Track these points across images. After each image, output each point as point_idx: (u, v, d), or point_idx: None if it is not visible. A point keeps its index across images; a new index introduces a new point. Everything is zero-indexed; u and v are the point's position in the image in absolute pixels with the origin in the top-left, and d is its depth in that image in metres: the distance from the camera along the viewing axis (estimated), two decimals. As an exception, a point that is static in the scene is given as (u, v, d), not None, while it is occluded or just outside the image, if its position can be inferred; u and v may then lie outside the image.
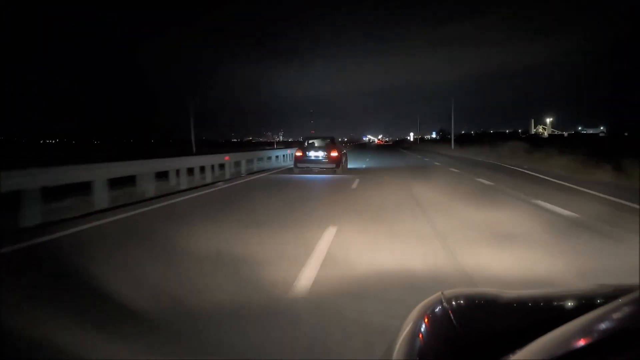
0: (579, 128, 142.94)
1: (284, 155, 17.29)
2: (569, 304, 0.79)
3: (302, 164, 11.28)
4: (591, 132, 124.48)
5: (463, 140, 43.49)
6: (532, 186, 7.85)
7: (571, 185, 7.75)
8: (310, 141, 12.11)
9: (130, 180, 6.99)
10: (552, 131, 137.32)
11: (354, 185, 8.30)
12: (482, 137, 59.10)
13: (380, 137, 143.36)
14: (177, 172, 8.53)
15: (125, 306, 2.16)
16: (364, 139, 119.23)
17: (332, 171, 10.93)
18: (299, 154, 11.49)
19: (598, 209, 5.07)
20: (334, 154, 10.95)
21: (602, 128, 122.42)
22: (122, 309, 2.13)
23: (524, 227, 4.15)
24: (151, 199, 6.51)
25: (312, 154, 11.22)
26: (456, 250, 3.32)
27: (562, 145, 19.31)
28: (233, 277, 2.71)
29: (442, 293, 0.78)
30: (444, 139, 72.03)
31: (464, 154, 22.57)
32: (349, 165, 12.75)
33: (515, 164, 13.40)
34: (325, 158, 10.98)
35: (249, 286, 2.53)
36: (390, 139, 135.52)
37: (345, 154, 12.47)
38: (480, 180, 8.92)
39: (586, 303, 0.75)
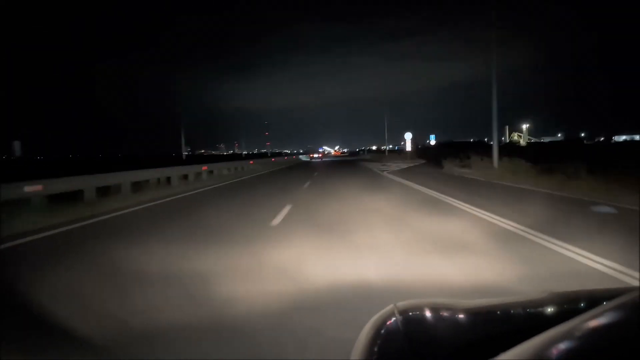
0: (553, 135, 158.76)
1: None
2: (524, 312, 0.80)
3: (313, 158, 48.93)
4: (549, 139, 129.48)
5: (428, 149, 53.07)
6: None
7: None
8: (317, 150, 54.72)
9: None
10: (529, 139, 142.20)
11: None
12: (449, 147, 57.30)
13: (337, 148, 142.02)
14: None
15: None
16: (320, 150, 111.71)
17: (321, 159, 47.42)
18: (311, 155, 51.17)
19: None
20: (321, 155, 49.65)
21: (559, 135, 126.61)
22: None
23: None
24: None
25: (315, 155, 50.08)
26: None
27: (565, 157, 12.21)
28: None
29: (394, 305, 0.79)
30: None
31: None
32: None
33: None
34: (319, 156, 49.23)
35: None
36: (348, 150, 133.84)
37: (324, 155, 52.34)
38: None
39: (541, 311, 0.78)
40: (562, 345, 0.44)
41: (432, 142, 34.51)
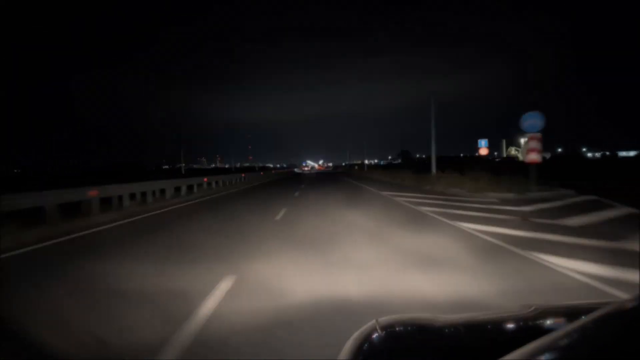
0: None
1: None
2: (506, 326, 0.80)
3: (304, 170, 66.81)
4: (549, 155, 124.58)
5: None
6: None
7: None
8: (303, 164, 79.63)
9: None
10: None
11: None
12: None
13: (320, 162, 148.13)
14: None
15: None
16: (304, 164, 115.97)
17: (309, 172, 62.95)
18: (302, 167, 75.33)
19: None
20: (308, 169, 70.39)
21: (559, 150, 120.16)
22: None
23: None
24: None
25: (304, 168, 71.05)
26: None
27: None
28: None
29: (376, 321, 0.80)
30: (407, 164, 62.14)
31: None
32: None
33: None
34: (308, 169, 64.75)
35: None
36: (331, 165, 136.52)
37: (310, 168, 76.90)
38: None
39: (524, 325, 0.78)
40: (545, 358, 0.44)
41: (484, 150, 19.84)
